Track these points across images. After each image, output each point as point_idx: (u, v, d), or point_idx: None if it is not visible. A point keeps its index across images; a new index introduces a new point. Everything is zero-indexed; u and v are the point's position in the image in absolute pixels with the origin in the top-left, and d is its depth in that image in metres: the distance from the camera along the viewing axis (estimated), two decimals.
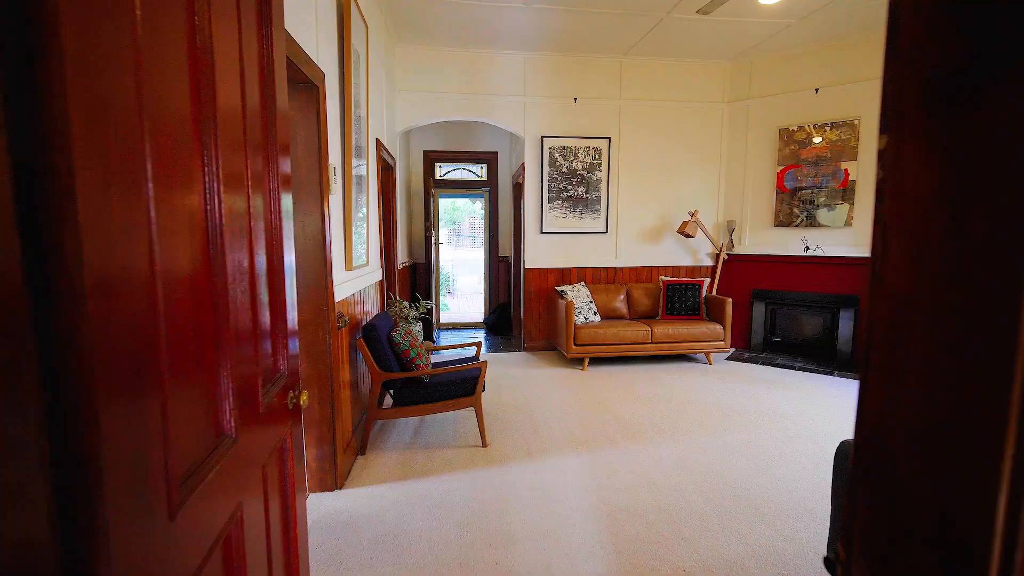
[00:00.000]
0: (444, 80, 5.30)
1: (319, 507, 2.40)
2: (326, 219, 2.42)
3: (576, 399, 4.00)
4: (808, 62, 5.33)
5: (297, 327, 1.38)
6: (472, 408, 3.19)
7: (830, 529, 1.71)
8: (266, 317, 1.14)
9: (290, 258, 1.28)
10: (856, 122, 5.10)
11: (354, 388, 3.07)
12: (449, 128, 6.87)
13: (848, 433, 3.29)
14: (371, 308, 3.68)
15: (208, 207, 0.82)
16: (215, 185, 0.83)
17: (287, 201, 1.27)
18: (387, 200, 4.77)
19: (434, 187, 6.65)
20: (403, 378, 3.00)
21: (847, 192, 5.20)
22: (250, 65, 1.04)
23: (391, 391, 3.06)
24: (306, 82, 2.28)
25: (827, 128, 5.26)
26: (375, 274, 3.73)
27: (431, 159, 6.88)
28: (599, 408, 3.79)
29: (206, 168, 0.81)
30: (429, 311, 5.99)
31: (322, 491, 2.53)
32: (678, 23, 4.66)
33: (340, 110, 2.81)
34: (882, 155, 0.49)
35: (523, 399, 4.00)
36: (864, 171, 5.11)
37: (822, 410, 3.76)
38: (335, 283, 2.59)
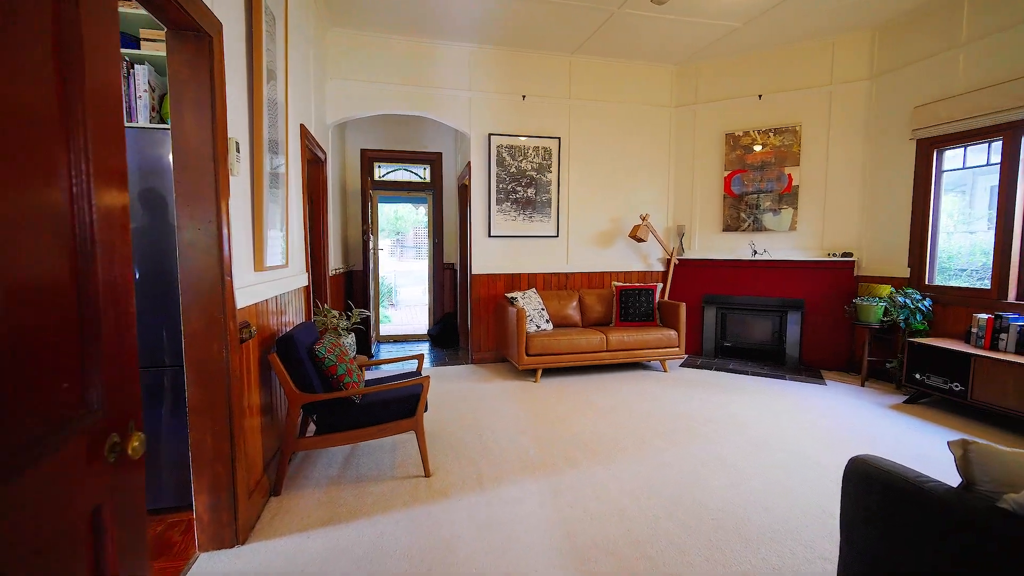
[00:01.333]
0: (383, 70, 4.86)
1: (209, 571, 1.87)
2: (222, 205, 1.93)
3: (530, 415, 3.64)
4: (752, 68, 5.37)
5: (136, 346, 0.93)
6: (413, 432, 2.75)
7: (839, 565, 1.44)
8: (47, 338, 0.71)
9: (116, 267, 0.88)
10: (798, 128, 5.17)
11: (267, 414, 2.54)
12: (389, 126, 6.40)
13: (816, 440, 3.13)
14: (294, 318, 3.16)
15: None
16: None
17: (120, 196, 0.91)
18: (316, 196, 4.25)
19: (372, 188, 6.14)
20: (328, 399, 2.51)
21: (791, 197, 5.25)
22: None
23: (314, 416, 2.56)
24: (194, 29, 1.81)
25: (771, 134, 5.31)
26: (298, 279, 3.21)
27: (369, 158, 6.37)
28: (556, 424, 3.45)
29: None
30: (364, 320, 5.44)
31: (216, 549, 1.99)
32: (628, 19, 4.52)
33: (247, 76, 2.33)
34: None
35: (472, 418, 3.58)
36: (806, 176, 5.18)
37: (782, 415, 3.62)
38: (237, 286, 2.09)
